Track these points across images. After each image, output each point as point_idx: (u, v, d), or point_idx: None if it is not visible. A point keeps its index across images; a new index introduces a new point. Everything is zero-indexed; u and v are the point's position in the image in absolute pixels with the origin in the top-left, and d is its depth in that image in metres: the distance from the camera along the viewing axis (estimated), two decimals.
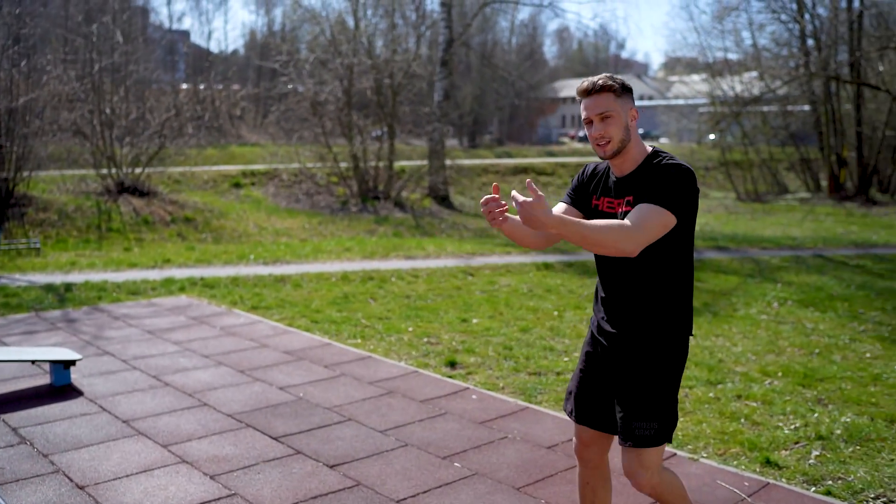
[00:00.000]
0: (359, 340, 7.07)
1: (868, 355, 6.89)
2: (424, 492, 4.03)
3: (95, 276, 9.90)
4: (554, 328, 7.56)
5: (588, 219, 2.97)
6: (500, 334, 7.29)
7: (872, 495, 4.14)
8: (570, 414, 3.16)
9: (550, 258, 11.81)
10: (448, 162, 23.89)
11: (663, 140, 57.17)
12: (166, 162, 19.60)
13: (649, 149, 2.95)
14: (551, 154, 43.12)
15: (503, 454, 4.53)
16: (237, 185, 22.91)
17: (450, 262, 11.30)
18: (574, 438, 3.16)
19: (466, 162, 30.13)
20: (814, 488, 4.21)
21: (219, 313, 8.02)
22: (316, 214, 19.58)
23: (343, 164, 22.22)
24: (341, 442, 4.67)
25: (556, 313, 8.20)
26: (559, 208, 3.10)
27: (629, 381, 2.93)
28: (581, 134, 71.61)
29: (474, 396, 5.55)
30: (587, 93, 2.86)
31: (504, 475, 4.24)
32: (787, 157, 30.68)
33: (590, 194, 3.06)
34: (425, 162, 23.22)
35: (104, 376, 5.85)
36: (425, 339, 7.11)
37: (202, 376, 5.90)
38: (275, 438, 4.70)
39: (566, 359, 6.55)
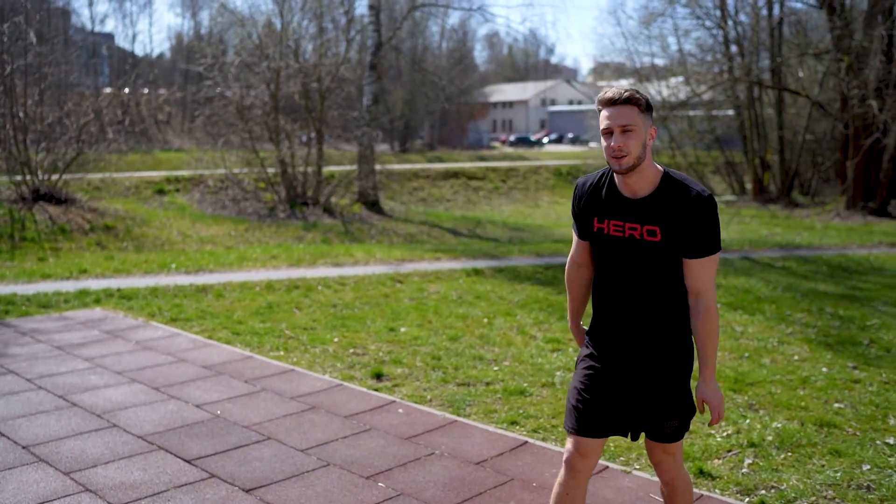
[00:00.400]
0: (282, 353, 6.80)
1: (796, 358, 6.90)
2: None
3: (4, 289, 9.39)
4: (483, 336, 7.40)
5: (589, 240, 3.09)
6: (428, 343, 7.09)
7: (805, 503, 4.08)
8: (571, 430, 3.05)
9: (480, 263, 11.67)
10: (378, 167, 23.62)
11: (592, 144, 57.87)
12: (85, 168, 18.89)
13: (661, 168, 2.95)
14: (482, 158, 43.21)
15: (430, 472, 4.34)
16: (161, 192, 22.28)
17: (378, 268, 11.07)
18: (571, 450, 3.03)
19: (397, 167, 29.93)
20: (748, 499, 4.12)
21: (135, 326, 7.65)
22: (242, 221, 19.14)
23: (271, 170, 21.78)
24: (259, 463, 4.42)
25: (485, 321, 8.04)
26: (575, 246, 3.22)
27: (654, 385, 3.01)
28: (512, 138, 72.04)
29: (401, 410, 5.34)
30: (611, 102, 2.84)
31: (431, 495, 4.05)
32: (712, 160, 31.23)
33: (590, 215, 3.05)
34: (355, 167, 22.91)
35: (5, 398, 5.47)
36: (351, 350, 6.87)
37: (113, 395, 5.57)
38: (188, 461, 4.43)
39: (496, 368, 6.39)
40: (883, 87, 21.14)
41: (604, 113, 2.85)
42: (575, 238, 3.22)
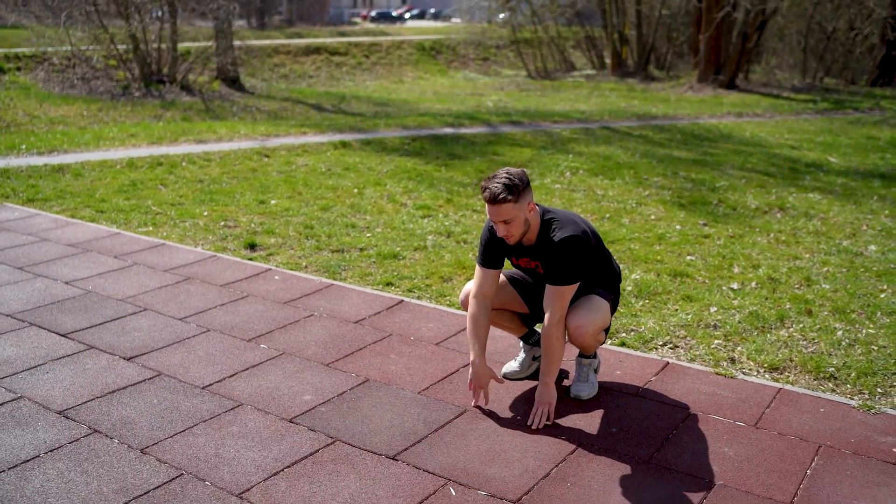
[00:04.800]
0: (150, 228, 6.67)
1: (653, 217, 7.31)
2: (231, 375, 3.90)
3: None
4: (355, 205, 7.47)
5: (500, 267, 3.64)
6: (299, 214, 7.11)
7: (661, 342, 4.44)
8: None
9: (348, 137, 11.60)
10: (237, 42, 22.69)
11: (455, 19, 57.15)
12: None
13: (540, 219, 3.45)
14: (343, 34, 42.12)
15: (310, 332, 4.46)
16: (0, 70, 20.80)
17: (244, 144, 10.85)
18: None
19: (256, 42, 28.85)
20: (609, 341, 4.44)
21: None
22: (95, 101, 18.14)
23: (121, 47, 20.58)
24: (138, 333, 4.42)
25: (356, 191, 8.09)
26: (483, 277, 3.60)
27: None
28: (374, 14, 70.30)
29: (277, 277, 5.40)
30: (489, 202, 3.30)
31: (312, 352, 4.18)
32: (573, 35, 31.57)
33: (507, 255, 3.63)
34: (212, 43, 21.91)
35: None
36: (222, 223, 6.82)
37: None
38: (63, 335, 4.38)
39: (368, 234, 6.51)
40: None
41: (486, 206, 3.36)
42: (481, 270, 3.61)
